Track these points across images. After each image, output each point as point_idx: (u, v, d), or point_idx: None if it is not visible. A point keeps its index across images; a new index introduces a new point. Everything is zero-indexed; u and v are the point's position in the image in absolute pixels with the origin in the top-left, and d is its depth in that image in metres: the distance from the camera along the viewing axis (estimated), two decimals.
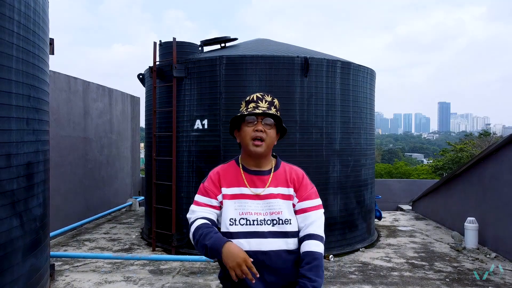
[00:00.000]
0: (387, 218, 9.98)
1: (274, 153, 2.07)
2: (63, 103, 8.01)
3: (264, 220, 1.91)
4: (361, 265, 6.02)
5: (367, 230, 7.43)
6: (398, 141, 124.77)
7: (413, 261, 6.26)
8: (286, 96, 6.34)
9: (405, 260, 6.29)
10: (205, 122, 6.48)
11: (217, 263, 5.52)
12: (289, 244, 1.91)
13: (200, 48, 7.50)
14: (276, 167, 2.02)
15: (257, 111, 1.91)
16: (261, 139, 1.90)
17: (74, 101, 8.40)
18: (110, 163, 10.18)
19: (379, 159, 51.34)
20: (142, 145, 18.40)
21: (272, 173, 1.99)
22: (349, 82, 6.90)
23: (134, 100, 12.22)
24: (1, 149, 2.97)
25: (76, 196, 8.46)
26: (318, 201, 1.99)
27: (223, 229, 1.95)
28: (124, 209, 10.70)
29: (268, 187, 1.96)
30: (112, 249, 6.83)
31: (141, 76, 8.08)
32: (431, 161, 41.86)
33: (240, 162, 2.04)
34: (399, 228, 8.83)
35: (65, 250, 6.69)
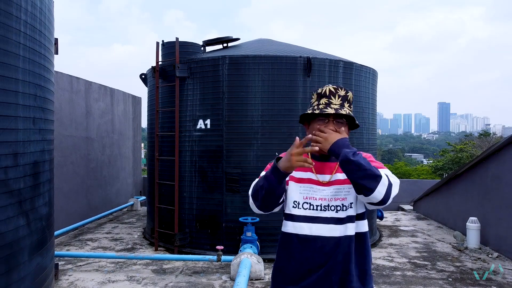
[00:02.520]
0: (389, 218, 9.99)
1: None
2: (66, 103, 8.02)
3: (328, 206, 1.88)
4: None
5: (369, 230, 7.43)
6: (398, 142, 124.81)
7: (415, 260, 6.27)
8: (288, 96, 6.35)
9: (407, 260, 6.30)
10: (208, 122, 6.49)
11: (220, 262, 5.52)
12: (349, 229, 1.86)
13: (202, 48, 7.51)
14: None
15: (329, 109, 1.88)
16: None
17: (76, 101, 8.42)
18: (112, 163, 10.19)
19: (379, 159, 51.31)
20: (142, 145, 18.42)
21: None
22: (351, 82, 6.91)
23: (136, 100, 12.23)
24: (8, 148, 2.98)
25: (78, 195, 8.47)
26: (383, 169, 1.82)
27: (286, 211, 1.94)
28: (126, 209, 10.70)
29: (335, 173, 1.93)
30: (115, 249, 6.84)
31: (143, 76, 8.08)
32: (431, 161, 41.85)
33: None
34: (401, 228, 8.85)
35: (67, 250, 6.69)
